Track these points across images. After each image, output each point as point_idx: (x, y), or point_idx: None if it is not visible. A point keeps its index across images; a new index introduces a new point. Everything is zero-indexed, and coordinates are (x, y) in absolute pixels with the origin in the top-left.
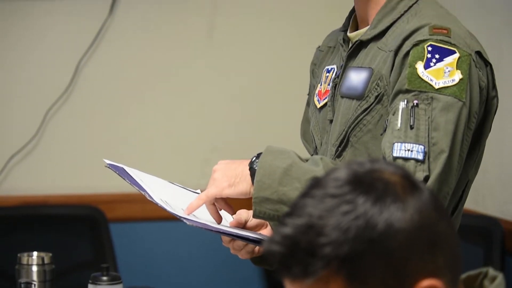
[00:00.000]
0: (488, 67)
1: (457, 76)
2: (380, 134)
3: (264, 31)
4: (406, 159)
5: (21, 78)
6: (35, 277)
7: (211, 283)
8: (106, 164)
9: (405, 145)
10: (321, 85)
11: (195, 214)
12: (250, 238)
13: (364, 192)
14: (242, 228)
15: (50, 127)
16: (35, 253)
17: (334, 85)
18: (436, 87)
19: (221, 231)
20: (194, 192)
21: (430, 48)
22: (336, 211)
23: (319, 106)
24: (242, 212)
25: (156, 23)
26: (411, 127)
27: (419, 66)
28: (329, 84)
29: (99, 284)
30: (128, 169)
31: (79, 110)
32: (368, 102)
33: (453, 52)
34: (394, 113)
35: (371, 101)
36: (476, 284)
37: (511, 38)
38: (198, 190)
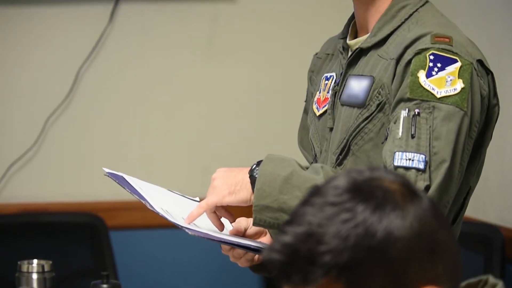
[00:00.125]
0: (490, 76)
1: (459, 85)
2: (381, 143)
3: (264, 39)
4: (407, 168)
5: (21, 86)
6: (35, 285)
7: None
8: (105, 173)
9: (406, 154)
10: (320, 93)
11: (195, 223)
12: (252, 247)
13: (364, 200)
14: (242, 237)
15: (50, 135)
16: (35, 261)
17: (334, 93)
18: (438, 96)
19: (223, 241)
20: (193, 200)
21: (432, 57)
22: (336, 219)
23: (318, 114)
24: (242, 220)
25: (156, 31)
26: (412, 136)
27: (421, 75)
28: (328, 92)
29: None
30: (128, 178)
31: (79, 118)
32: (370, 111)
33: (455, 61)
34: (396, 122)
35: (373, 110)
36: None
37: (511, 46)
38: (197, 198)
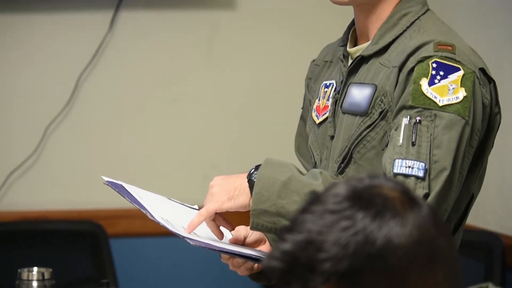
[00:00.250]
0: (492, 84)
1: (461, 94)
2: (382, 150)
3: (263, 45)
4: (407, 176)
5: (21, 93)
6: None
7: None
8: (105, 182)
9: (406, 162)
10: (320, 101)
11: (195, 232)
12: (253, 257)
13: (363, 208)
14: (241, 245)
15: (50, 143)
16: (35, 269)
17: (335, 101)
18: (440, 105)
19: (224, 251)
20: (192, 208)
21: (435, 65)
22: (336, 227)
23: (318, 122)
24: (241, 229)
25: (156, 38)
26: (413, 144)
27: (424, 83)
28: (328, 100)
29: None
30: (127, 186)
31: (80, 125)
32: (372, 119)
33: (458, 69)
34: (397, 129)
35: (375, 118)
36: None
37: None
38: (196, 206)
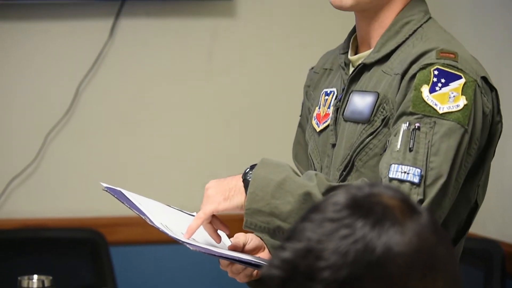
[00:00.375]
0: (494, 92)
1: (462, 102)
2: (380, 154)
3: (263, 53)
4: (402, 181)
5: (21, 102)
6: None
7: None
8: (104, 188)
9: (402, 167)
10: (320, 108)
11: (194, 238)
12: (252, 263)
13: (363, 216)
14: (241, 252)
15: (50, 151)
16: (36, 276)
17: (336, 109)
18: (440, 112)
19: (224, 256)
20: (191, 215)
21: (437, 72)
22: (335, 235)
23: (319, 130)
24: (240, 236)
25: (157, 46)
26: (410, 150)
27: (424, 90)
28: (329, 108)
29: None
30: (126, 193)
31: (79, 134)
32: (374, 126)
33: (459, 77)
34: (396, 135)
35: (378, 125)
36: None
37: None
38: (195, 213)
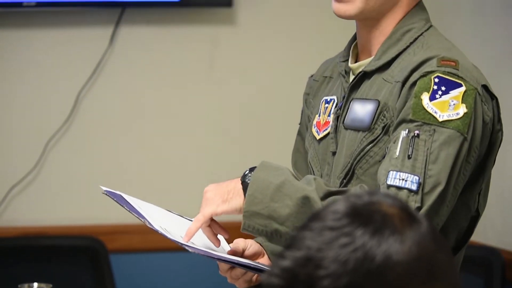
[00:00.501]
0: (494, 101)
1: (462, 110)
2: (379, 161)
3: (263, 61)
4: (400, 188)
5: (21, 109)
6: None
7: None
8: (103, 191)
9: (400, 174)
10: (320, 116)
11: (193, 242)
12: (251, 266)
13: (363, 225)
14: (240, 257)
15: (50, 158)
16: (36, 284)
17: (336, 117)
18: (440, 120)
19: (223, 259)
20: (191, 220)
21: (437, 80)
22: (335, 244)
23: (319, 138)
24: (239, 241)
25: (157, 54)
26: (409, 157)
27: (425, 98)
28: (329, 116)
29: None
30: (126, 196)
31: (79, 141)
32: (375, 134)
33: (460, 85)
34: (395, 142)
35: (378, 133)
36: None
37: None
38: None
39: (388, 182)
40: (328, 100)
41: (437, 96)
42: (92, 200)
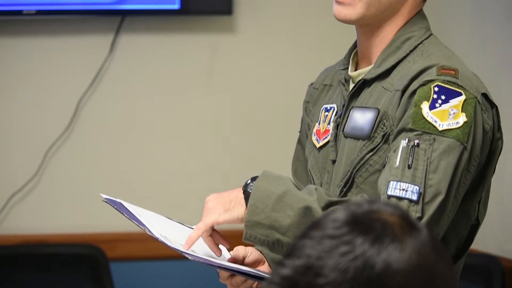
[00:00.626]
0: (494, 109)
1: (462, 119)
2: (379, 170)
3: (263, 70)
4: (400, 199)
5: (21, 117)
6: None
7: None
8: (103, 199)
9: (401, 184)
10: (320, 124)
11: (193, 250)
12: (252, 274)
13: (363, 233)
14: (240, 265)
15: (51, 166)
16: None
17: (336, 125)
18: (440, 129)
19: (223, 266)
20: (191, 228)
21: (437, 89)
22: (335, 252)
23: (319, 146)
24: (240, 249)
25: (157, 62)
26: (409, 167)
27: (424, 107)
28: (329, 124)
29: None
30: (126, 204)
31: (79, 149)
32: (375, 142)
33: (459, 94)
34: (395, 151)
35: (378, 141)
36: None
37: (511, 78)
38: (194, 227)
39: (389, 193)
40: (328, 108)
41: (437, 105)
42: (92, 208)
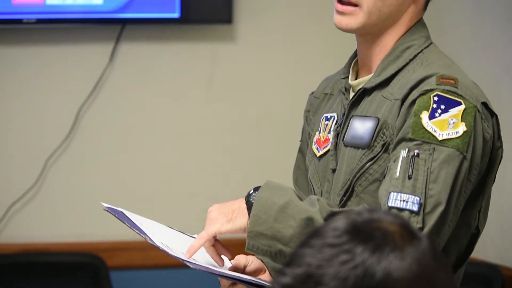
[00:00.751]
0: (494, 118)
1: (461, 129)
2: (379, 180)
3: (263, 80)
4: (401, 210)
5: (21, 126)
6: None
7: None
8: (105, 208)
9: (401, 195)
10: (320, 133)
11: (195, 259)
12: (253, 282)
13: (363, 242)
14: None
15: (50, 175)
16: None
17: (336, 134)
18: (440, 139)
19: (224, 274)
20: (192, 237)
21: (436, 98)
22: (335, 261)
23: (319, 155)
24: (241, 258)
25: (157, 70)
26: (409, 177)
27: (424, 116)
28: (329, 133)
29: None
30: (127, 213)
31: (79, 158)
32: (375, 152)
33: (459, 103)
34: (395, 161)
35: (378, 150)
36: None
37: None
38: (196, 235)
39: (389, 204)
40: (329, 117)
41: (437, 115)
42: (92, 217)
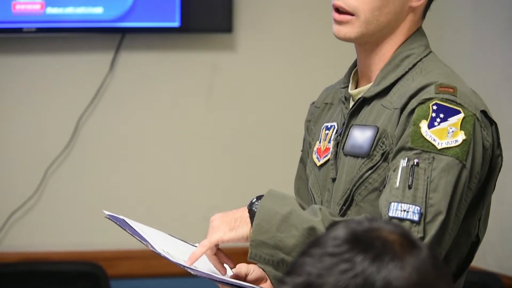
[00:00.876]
0: (493, 126)
1: (461, 137)
2: (380, 190)
3: (264, 89)
4: (402, 220)
5: (21, 135)
6: None
7: None
8: (106, 215)
9: (402, 205)
10: (320, 143)
11: (196, 266)
12: None
13: (363, 251)
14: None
15: (51, 184)
16: None
17: (336, 143)
18: (439, 148)
19: (225, 282)
20: (193, 246)
21: (435, 107)
22: (335, 270)
23: (319, 164)
24: (242, 266)
25: (157, 80)
26: (409, 187)
27: (423, 125)
28: (329, 142)
29: None
30: (129, 221)
31: (79, 167)
32: (374, 161)
33: (458, 112)
34: (395, 170)
35: (377, 159)
36: None
37: (511, 94)
38: (197, 244)
39: (390, 214)
40: (329, 127)
41: (436, 124)
42: (93, 226)
